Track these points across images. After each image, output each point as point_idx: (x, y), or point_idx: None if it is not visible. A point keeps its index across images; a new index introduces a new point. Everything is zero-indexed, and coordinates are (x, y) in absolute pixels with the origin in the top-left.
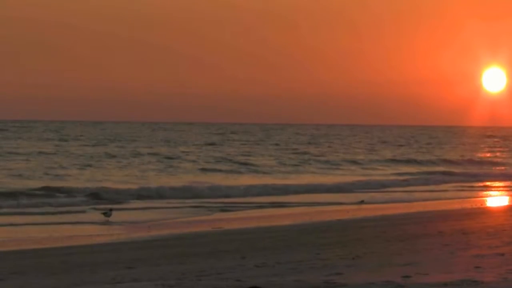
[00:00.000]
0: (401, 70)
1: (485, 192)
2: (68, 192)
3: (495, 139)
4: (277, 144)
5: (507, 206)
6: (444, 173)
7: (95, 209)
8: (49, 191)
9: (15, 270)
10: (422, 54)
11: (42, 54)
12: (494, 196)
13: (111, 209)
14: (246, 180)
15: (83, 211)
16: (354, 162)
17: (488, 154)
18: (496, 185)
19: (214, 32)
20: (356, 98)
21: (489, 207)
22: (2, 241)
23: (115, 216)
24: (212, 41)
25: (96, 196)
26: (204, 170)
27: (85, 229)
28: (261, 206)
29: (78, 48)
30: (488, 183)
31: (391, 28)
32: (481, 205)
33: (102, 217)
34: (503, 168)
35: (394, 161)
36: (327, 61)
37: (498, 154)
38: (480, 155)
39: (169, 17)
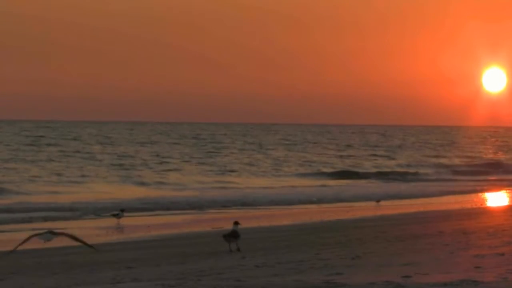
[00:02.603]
0: (403, 70)
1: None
2: None
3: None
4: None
5: (507, 206)
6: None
7: None
8: None
9: (15, 270)
10: (424, 55)
11: (46, 53)
12: None
13: (122, 210)
14: None
15: None
16: None
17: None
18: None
19: (222, 31)
20: (358, 97)
21: (489, 207)
22: (1, 241)
23: None
24: (220, 40)
25: None
26: None
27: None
28: None
29: (87, 46)
30: None
31: (394, 29)
32: (481, 205)
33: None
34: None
35: None
36: (331, 61)
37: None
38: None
39: (177, 16)
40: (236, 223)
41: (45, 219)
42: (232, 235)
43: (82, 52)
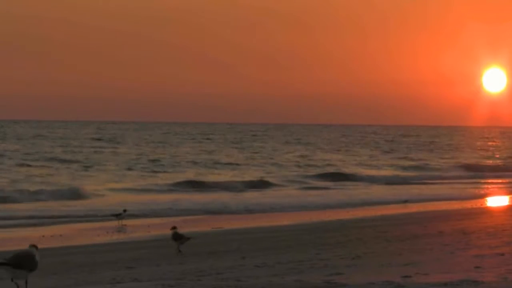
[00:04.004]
0: (403, 70)
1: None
2: None
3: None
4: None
5: (507, 206)
6: None
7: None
8: None
9: None
10: (424, 55)
11: (49, 53)
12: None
13: (125, 210)
14: None
15: None
16: None
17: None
18: None
19: (224, 32)
20: (358, 97)
21: (489, 207)
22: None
23: None
24: (222, 40)
25: None
26: None
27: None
28: None
29: (91, 46)
30: None
31: (394, 30)
32: (481, 205)
33: None
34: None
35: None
36: (332, 61)
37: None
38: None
39: (180, 16)
40: (174, 227)
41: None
42: (173, 238)
43: (83, 52)
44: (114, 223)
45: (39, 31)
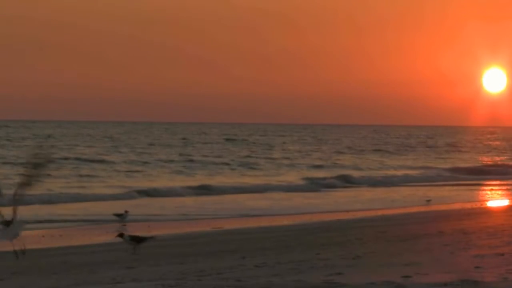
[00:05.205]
0: (402, 70)
1: None
2: None
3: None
4: None
5: (507, 206)
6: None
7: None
8: None
9: (15, 270)
10: (424, 55)
11: (47, 54)
12: None
13: (126, 211)
14: None
15: None
16: None
17: None
18: None
19: (218, 32)
20: (357, 98)
21: (489, 207)
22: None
23: None
24: (217, 41)
25: None
26: None
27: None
28: None
29: (85, 47)
30: None
31: (393, 29)
32: (481, 205)
33: None
34: None
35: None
36: (329, 61)
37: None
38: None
39: (174, 17)
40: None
41: None
42: (131, 240)
43: (81, 54)
44: (114, 223)
45: (38, 32)
